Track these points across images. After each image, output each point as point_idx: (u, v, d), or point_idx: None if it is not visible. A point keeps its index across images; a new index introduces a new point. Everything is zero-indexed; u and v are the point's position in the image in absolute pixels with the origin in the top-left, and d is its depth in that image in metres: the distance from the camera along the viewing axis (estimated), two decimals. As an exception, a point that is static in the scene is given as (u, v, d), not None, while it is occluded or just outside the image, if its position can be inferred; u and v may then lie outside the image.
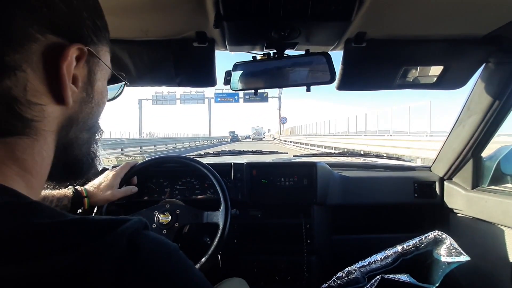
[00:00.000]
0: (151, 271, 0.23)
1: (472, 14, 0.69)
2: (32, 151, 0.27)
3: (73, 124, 0.32)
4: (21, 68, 0.25)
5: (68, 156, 0.33)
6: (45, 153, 0.29)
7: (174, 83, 0.93)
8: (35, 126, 0.27)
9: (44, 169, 0.30)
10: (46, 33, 0.26)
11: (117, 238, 0.23)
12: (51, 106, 0.28)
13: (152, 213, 0.95)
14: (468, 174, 1.11)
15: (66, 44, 0.28)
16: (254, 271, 1.25)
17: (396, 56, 0.85)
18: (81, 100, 0.32)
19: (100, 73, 0.34)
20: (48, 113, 0.28)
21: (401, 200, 1.27)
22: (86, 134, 0.35)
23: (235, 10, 0.65)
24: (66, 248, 0.21)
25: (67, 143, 0.32)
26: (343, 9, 0.64)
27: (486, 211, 1.00)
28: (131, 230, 0.24)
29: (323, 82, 0.84)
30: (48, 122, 0.28)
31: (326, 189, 1.26)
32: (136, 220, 0.26)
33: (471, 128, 1.01)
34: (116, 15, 0.69)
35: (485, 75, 0.92)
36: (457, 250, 0.80)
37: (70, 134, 0.32)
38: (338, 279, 0.85)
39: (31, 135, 0.27)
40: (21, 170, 0.27)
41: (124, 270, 0.22)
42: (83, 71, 0.31)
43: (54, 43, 0.27)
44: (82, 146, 0.35)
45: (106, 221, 0.24)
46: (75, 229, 0.23)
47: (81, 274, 0.20)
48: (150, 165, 1.06)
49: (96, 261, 0.21)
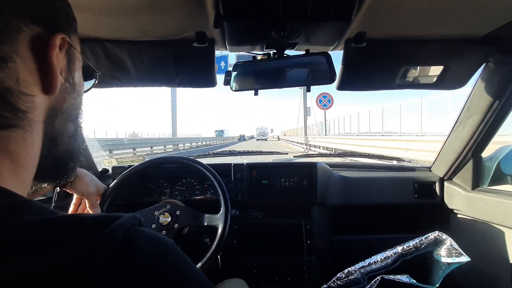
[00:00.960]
0: (146, 266, 0.22)
1: (472, 14, 0.69)
2: (24, 143, 0.27)
3: (57, 114, 0.32)
4: (11, 59, 0.25)
5: (56, 149, 0.33)
6: (35, 144, 0.29)
7: (174, 83, 0.93)
8: (28, 117, 0.27)
9: (34, 161, 0.30)
10: (29, 23, 0.27)
11: (111, 234, 0.22)
12: (39, 96, 0.28)
13: (152, 213, 0.95)
14: (468, 174, 1.11)
15: (49, 34, 0.28)
16: (254, 271, 1.25)
17: (396, 56, 0.85)
18: (65, 90, 0.32)
19: (76, 62, 0.34)
20: (37, 104, 0.28)
21: (401, 200, 1.26)
22: (72, 126, 0.35)
23: (235, 10, 0.65)
24: (58, 245, 0.21)
25: (54, 134, 0.32)
26: (343, 9, 0.64)
27: (486, 212, 1.00)
28: (125, 226, 0.24)
29: (323, 82, 0.83)
30: (38, 112, 0.28)
31: (326, 189, 1.26)
32: (129, 216, 0.25)
33: (471, 128, 1.01)
34: (116, 15, 0.69)
35: (485, 75, 0.92)
36: (457, 250, 0.80)
37: (56, 124, 0.32)
38: (338, 279, 0.85)
39: (23, 126, 0.27)
40: (12, 163, 0.27)
41: (118, 266, 0.21)
42: (64, 61, 0.31)
43: (38, 34, 0.27)
44: (70, 138, 0.35)
45: (99, 218, 0.24)
46: (67, 226, 0.23)
47: (74, 271, 0.20)
48: (150, 166, 1.06)
49: (89, 257, 0.20)
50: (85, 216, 0.24)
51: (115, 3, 0.64)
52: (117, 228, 0.23)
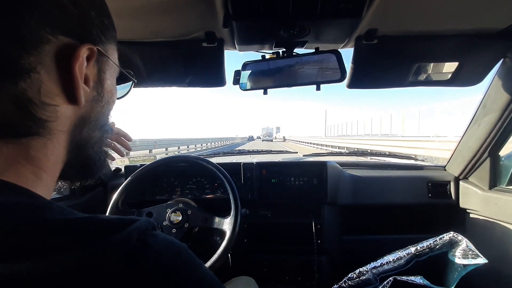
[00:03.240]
0: (161, 269, 0.23)
1: (488, 7, 0.67)
2: (45, 150, 0.28)
3: (86, 123, 0.32)
4: (35, 70, 0.25)
5: (81, 155, 0.34)
6: (57, 152, 0.29)
7: (183, 83, 0.94)
8: (49, 126, 0.27)
9: (57, 167, 0.30)
10: (58, 34, 0.27)
11: (127, 236, 0.23)
12: (64, 106, 0.29)
13: (165, 210, 0.97)
14: (485, 173, 1.07)
15: (77, 44, 0.28)
16: (264, 270, 1.25)
17: (408, 52, 0.83)
18: (92, 99, 0.32)
19: (109, 71, 0.35)
20: (61, 113, 0.28)
21: (414, 200, 1.24)
22: (98, 133, 0.35)
23: (244, 10, 0.65)
24: (77, 245, 0.21)
25: (80, 142, 0.32)
26: (353, 6, 0.63)
27: (504, 212, 0.96)
28: (141, 230, 0.25)
29: (333, 80, 0.82)
30: (61, 122, 0.29)
31: (337, 189, 1.24)
32: (144, 220, 0.26)
33: (488, 126, 0.98)
34: (127, 17, 0.70)
35: (502, 71, 0.89)
36: (474, 252, 0.77)
37: (83, 133, 0.32)
38: (349, 280, 0.84)
39: (45, 135, 0.27)
40: (35, 168, 0.27)
41: (134, 267, 0.22)
42: (93, 71, 0.32)
43: (65, 44, 0.27)
44: (95, 144, 0.35)
45: (116, 220, 0.25)
46: (86, 227, 0.24)
47: (91, 271, 0.21)
48: (161, 165, 1.07)
49: (106, 258, 0.21)
50: (103, 218, 0.25)
51: (126, 5, 0.65)
52: (133, 231, 0.24)
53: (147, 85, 0.97)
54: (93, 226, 0.24)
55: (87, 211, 1.11)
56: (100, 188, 1.31)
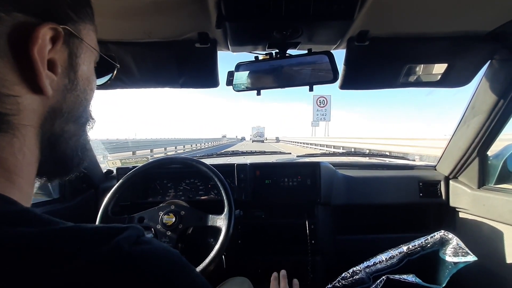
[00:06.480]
0: (153, 279, 0.22)
1: (476, 11, 0.68)
2: (12, 149, 0.24)
3: (57, 116, 0.28)
4: None
5: (56, 151, 0.30)
6: (27, 150, 0.26)
7: (177, 84, 0.93)
8: (11, 120, 0.24)
9: (30, 167, 0.27)
10: (12, 11, 0.23)
11: (115, 248, 0.21)
12: (27, 97, 0.25)
13: (157, 213, 0.95)
14: (474, 173, 1.10)
15: (36, 23, 0.24)
16: (258, 271, 1.25)
17: (399, 54, 0.84)
18: (63, 88, 0.28)
19: (84, 55, 0.30)
20: (24, 106, 0.24)
21: (406, 199, 1.26)
22: (73, 126, 0.31)
23: (237, 11, 0.65)
24: (61, 260, 0.19)
25: (52, 137, 0.29)
26: (345, 8, 0.64)
27: (492, 210, 0.98)
28: (130, 239, 0.23)
29: (326, 81, 0.83)
30: (26, 115, 0.25)
31: (330, 189, 1.25)
32: (133, 228, 0.24)
33: (476, 126, 1.00)
34: (119, 17, 0.69)
35: (490, 73, 0.91)
36: (464, 250, 0.79)
37: (55, 127, 0.28)
38: (343, 279, 0.85)
39: (7, 131, 0.24)
40: (4, 170, 0.24)
41: (125, 281, 0.21)
42: (63, 55, 0.27)
43: (22, 23, 0.23)
44: (70, 139, 0.31)
45: (103, 230, 0.23)
46: (70, 239, 0.21)
47: (81, 286, 0.19)
48: (153, 167, 1.06)
49: (94, 273, 0.20)
50: (88, 227, 0.23)
51: (118, 5, 0.64)
52: (121, 241, 0.22)
53: (139, 86, 0.96)
54: (77, 238, 0.22)
55: (78, 214, 1.10)
56: (91, 191, 1.28)
